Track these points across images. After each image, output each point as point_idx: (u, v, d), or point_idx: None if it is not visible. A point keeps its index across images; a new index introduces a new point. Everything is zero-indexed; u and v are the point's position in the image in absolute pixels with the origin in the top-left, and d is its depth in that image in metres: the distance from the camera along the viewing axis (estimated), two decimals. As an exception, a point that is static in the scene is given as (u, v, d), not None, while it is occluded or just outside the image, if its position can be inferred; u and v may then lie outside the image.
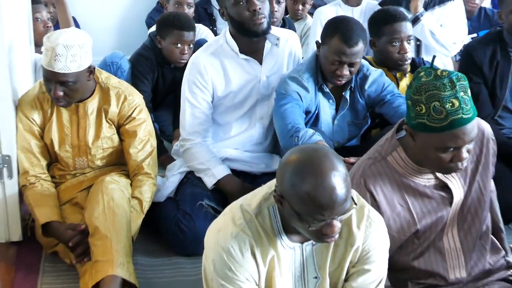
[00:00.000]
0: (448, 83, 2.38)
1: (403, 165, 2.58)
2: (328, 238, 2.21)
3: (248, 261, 2.27)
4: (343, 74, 3.58)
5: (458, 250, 2.68)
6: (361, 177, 2.58)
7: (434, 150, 2.43)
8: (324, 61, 3.61)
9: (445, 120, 2.38)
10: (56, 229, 3.50)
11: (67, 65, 3.41)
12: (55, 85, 3.45)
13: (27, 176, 3.63)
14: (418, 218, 2.61)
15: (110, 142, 3.71)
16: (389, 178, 2.58)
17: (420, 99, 2.40)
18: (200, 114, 3.78)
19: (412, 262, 2.68)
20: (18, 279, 3.49)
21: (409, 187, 2.59)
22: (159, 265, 3.62)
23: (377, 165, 2.59)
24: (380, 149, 2.63)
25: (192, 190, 3.77)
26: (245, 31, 3.65)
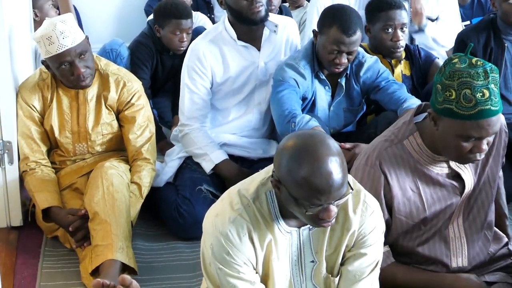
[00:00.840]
0: (482, 73, 2.35)
1: (419, 151, 2.56)
2: (325, 223, 2.20)
3: (245, 245, 2.26)
4: (342, 62, 3.58)
5: (462, 239, 2.66)
6: (377, 158, 2.56)
7: (456, 137, 2.41)
8: (323, 50, 3.60)
9: (473, 108, 2.35)
10: (56, 214, 3.49)
11: (74, 36, 3.44)
12: (75, 64, 3.46)
13: (27, 162, 3.62)
14: (428, 205, 2.60)
15: (109, 128, 3.70)
16: (403, 162, 2.56)
17: (451, 84, 2.38)
18: (198, 100, 3.77)
19: (417, 248, 2.66)
20: (19, 264, 3.49)
21: (422, 173, 2.57)
22: (158, 249, 3.61)
23: (393, 148, 2.57)
24: (397, 132, 2.60)
25: (191, 175, 3.77)
26: (243, 19, 3.64)
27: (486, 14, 4.56)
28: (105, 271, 3.15)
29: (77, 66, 3.47)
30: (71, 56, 3.45)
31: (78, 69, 3.47)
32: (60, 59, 3.45)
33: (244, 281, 2.28)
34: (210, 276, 2.34)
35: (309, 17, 5.05)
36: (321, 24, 3.64)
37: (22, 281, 3.34)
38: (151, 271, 3.40)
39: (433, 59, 4.24)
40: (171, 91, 4.80)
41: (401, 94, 3.65)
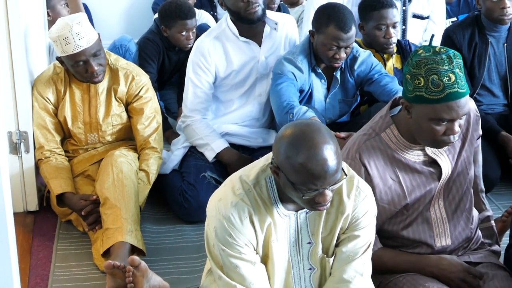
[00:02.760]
0: (446, 59, 2.38)
1: (396, 142, 2.57)
2: (321, 207, 2.21)
3: (247, 228, 2.26)
4: (341, 57, 3.59)
5: (444, 219, 2.67)
6: (356, 151, 2.56)
7: (428, 121, 2.42)
8: (322, 48, 3.60)
9: (442, 92, 2.37)
10: (70, 199, 3.50)
11: (89, 37, 3.43)
12: (89, 63, 3.45)
13: (42, 151, 3.62)
14: (408, 192, 2.60)
15: (119, 119, 3.70)
16: (382, 153, 2.57)
17: (419, 72, 2.40)
18: (201, 94, 3.78)
19: (401, 231, 2.66)
20: (35, 246, 3.49)
21: (400, 162, 2.58)
22: (165, 232, 3.61)
23: (371, 141, 2.57)
24: (375, 126, 2.61)
25: (195, 162, 3.78)
26: (242, 19, 3.66)
27: (471, 12, 4.55)
28: (115, 253, 3.16)
29: (91, 64, 3.47)
30: (86, 55, 3.45)
31: (92, 67, 3.47)
32: (75, 58, 3.45)
33: (245, 261, 2.29)
34: (213, 257, 2.35)
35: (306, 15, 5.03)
36: (317, 24, 3.63)
37: (38, 262, 3.35)
38: (158, 253, 3.41)
39: (423, 54, 4.23)
40: (176, 84, 4.79)
41: (393, 87, 3.66)
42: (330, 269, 2.42)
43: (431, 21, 4.74)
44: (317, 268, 2.41)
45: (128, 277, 2.92)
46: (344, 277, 2.38)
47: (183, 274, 3.25)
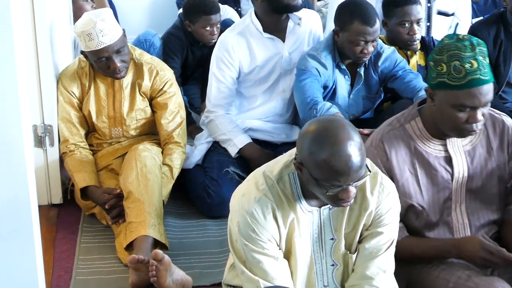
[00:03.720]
0: (469, 45, 2.38)
1: (419, 134, 2.56)
2: (344, 203, 2.20)
3: (270, 223, 2.26)
4: (369, 51, 3.57)
5: (465, 225, 2.63)
6: (380, 140, 2.56)
7: (451, 107, 2.41)
8: (349, 45, 3.57)
9: (464, 78, 2.36)
10: (94, 192, 3.51)
11: (113, 34, 3.44)
12: (112, 59, 3.46)
13: (67, 144, 3.64)
14: (423, 187, 2.57)
15: (143, 114, 3.71)
16: (404, 144, 2.56)
17: (441, 58, 2.39)
18: (225, 89, 3.78)
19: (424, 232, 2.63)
20: (59, 238, 3.51)
21: (421, 155, 2.56)
22: (188, 226, 3.62)
23: (395, 131, 2.57)
24: (400, 117, 2.61)
25: (218, 158, 3.78)
26: (284, 7, 3.64)
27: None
28: (138, 246, 3.16)
29: (114, 61, 3.47)
30: (109, 52, 3.45)
31: (115, 64, 3.48)
32: (98, 54, 3.46)
33: (268, 256, 2.29)
34: (236, 251, 2.35)
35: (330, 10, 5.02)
36: (340, 22, 3.61)
37: (62, 255, 3.36)
38: (181, 247, 3.41)
39: (447, 50, 4.20)
40: (200, 79, 4.79)
41: (416, 83, 3.64)
42: (352, 265, 2.41)
43: (456, 18, 4.71)
44: (339, 264, 2.40)
45: (151, 271, 2.94)
46: (367, 273, 2.37)
47: (206, 268, 3.25)
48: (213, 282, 3.13)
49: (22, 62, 2.43)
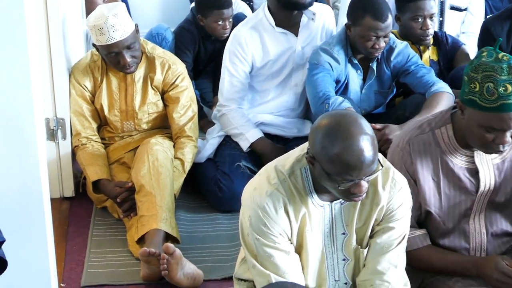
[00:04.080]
0: (506, 68, 2.29)
1: (447, 142, 2.50)
2: (356, 197, 2.19)
3: (281, 217, 2.26)
4: (381, 46, 3.56)
5: (482, 233, 2.60)
6: (407, 142, 2.52)
7: (478, 127, 2.35)
8: (360, 40, 3.56)
9: (495, 102, 2.29)
10: (105, 186, 3.52)
11: (124, 30, 3.44)
12: (122, 54, 3.46)
13: (79, 138, 3.65)
14: (444, 196, 2.54)
15: (155, 108, 3.71)
16: (431, 150, 2.50)
17: (476, 77, 2.32)
18: (237, 83, 3.78)
19: (438, 239, 2.60)
20: (70, 232, 3.52)
21: (445, 164, 2.51)
22: (199, 220, 3.62)
23: (424, 136, 2.51)
24: (432, 121, 2.54)
25: (230, 152, 3.78)
26: (292, 4, 3.64)
27: (511, 4, 4.49)
28: (150, 240, 3.17)
29: (123, 56, 3.48)
30: (119, 48, 3.46)
31: (125, 59, 3.48)
32: (108, 49, 3.47)
33: (279, 250, 2.28)
34: (248, 245, 2.35)
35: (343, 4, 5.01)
36: (353, 17, 3.60)
37: (74, 248, 3.38)
38: (192, 241, 3.42)
39: (460, 45, 4.20)
40: (212, 73, 4.79)
41: (429, 78, 3.63)
42: (364, 260, 2.40)
43: (469, 13, 4.69)
44: (351, 259, 2.40)
45: (163, 264, 2.95)
46: (378, 268, 2.36)
47: (217, 262, 3.26)
48: (224, 276, 3.14)
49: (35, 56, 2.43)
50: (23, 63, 2.29)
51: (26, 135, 2.37)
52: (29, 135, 2.37)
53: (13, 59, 2.28)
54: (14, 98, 2.32)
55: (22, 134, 2.36)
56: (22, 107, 2.33)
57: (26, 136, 2.37)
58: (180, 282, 3.00)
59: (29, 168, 2.41)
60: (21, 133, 2.35)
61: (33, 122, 2.37)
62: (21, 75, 2.30)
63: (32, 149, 2.39)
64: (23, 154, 2.38)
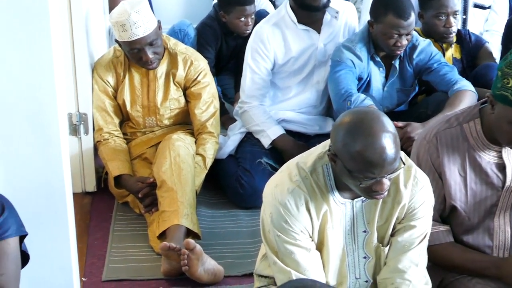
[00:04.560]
0: None
1: (475, 137, 2.48)
2: (377, 195, 2.19)
3: (302, 214, 2.26)
4: (403, 44, 3.55)
5: (506, 232, 2.58)
6: (434, 136, 2.49)
7: (508, 124, 2.32)
8: (382, 37, 3.56)
9: None
10: (127, 181, 3.54)
11: (146, 26, 3.45)
12: (144, 51, 3.48)
13: (101, 133, 3.66)
14: (470, 191, 2.52)
15: (177, 103, 3.72)
16: (458, 144, 2.48)
17: (510, 73, 2.28)
18: (259, 80, 3.78)
19: (461, 235, 2.59)
20: (92, 226, 3.54)
21: (473, 159, 2.49)
22: (220, 216, 3.63)
23: (452, 130, 2.49)
24: (460, 115, 2.53)
25: (251, 148, 3.79)
26: (307, 6, 3.65)
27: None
28: (171, 235, 3.18)
29: (146, 52, 3.49)
30: (142, 44, 3.47)
31: (147, 56, 3.50)
32: (131, 45, 3.48)
33: (300, 248, 2.28)
34: (269, 242, 2.35)
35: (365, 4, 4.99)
36: (375, 14, 3.59)
37: (95, 242, 3.40)
38: (213, 237, 3.42)
39: (483, 43, 4.17)
40: (234, 70, 4.79)
41: (452, 76, 3.61)
42: (385, 258, 2.39)
43: (493, 11, 4.66)
44: (372, 257, 2.39)
45: (183, 260, 2.96)
46: (399, 267, 2.36)
47: (237, 258, 3.26)
48: (244, 272, 3.14)
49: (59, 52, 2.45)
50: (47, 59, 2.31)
51: (50, 130, 2.38)
52: (53, 130, 2.39)
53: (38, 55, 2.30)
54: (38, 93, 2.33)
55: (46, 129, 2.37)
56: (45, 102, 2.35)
57: (50, 131, 2.38)
58: (201, 277, 3.01)
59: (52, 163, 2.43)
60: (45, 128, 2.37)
61: (56, 117, 2.38)
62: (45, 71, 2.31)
63: (55, 144, 2.40)
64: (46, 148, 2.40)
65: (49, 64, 2.32)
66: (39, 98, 2.34)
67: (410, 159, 2.38)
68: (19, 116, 2.34)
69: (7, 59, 2.27)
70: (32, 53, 2.29)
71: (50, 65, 2.32)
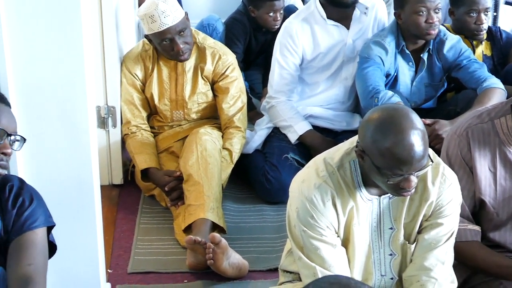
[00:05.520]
0: None
1: (506, 133, 2.46)
2: (405, 192, 2.18)
3: (329, 210, 2.25)
4: (434, 20, 3.51)
5: None
6: (465, 130, 2.48)
7: None
8: (412, 19, 3.52)
9: None
10: (154, 174, 3.55)
11: (175, 15, 3.47)
12: (175, 41, 3.49)
13: (129, 126, 3.69)
14: (500, 187, 2.51)
15: (204, 97, 3.73)
16: (489, 139, 2.47)
17: None
18: (287, 75, 3.78)
19: (489, 232, 2.57)
20: (119, 218, 3.57)
21: (504, 155, 2.47)
22: (246, 211, 3.64)
23: (483, 125, 2.48)
24: (491, 111, 2.51)
25: (278, 143, 3.79)
26: (337, 2, 3.66)
27: None
28: (196, 229, 3.19)
29: (177, 42, 3.51)
30: (172, 33, 3.49)
31: (178, 45, 3.51)
32: (161, 36, 3.50)
33: (326, 243, 2.28)
34: (294, 237, 2.35)
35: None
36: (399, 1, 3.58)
37: (122, 234, 3.42)
38: (238, 231, 3.43)
39: (515, 41, 4.14)
40: (262, 65, 4.79)
41: (481, 74, 3.58)
42: (411, 255, 2.38)
43: None
44: (398, 254, 2.38)
45: (208, 253, 2.97)
46: (425, 264, 2.35)
47: (262, 253, 3.26)
48: (269, 267, 3.14)
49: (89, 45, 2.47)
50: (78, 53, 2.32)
51: (79, 123, 2.40)
52: (82, 123, 2.40)
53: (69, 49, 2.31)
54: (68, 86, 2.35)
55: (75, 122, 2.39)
56: (76, 95, 2.36)
57: (79, 124, 2.40)
58: (226, 271, 3.02)
59: (81, 156, 2.44)
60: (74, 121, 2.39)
61: (86, 111, 2.40)
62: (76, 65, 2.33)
63: (84, 137, 2.42)
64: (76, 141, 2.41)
65: (79, 58, 2.33)
66: (69, 91, 2.35)
67: (438, 156, 2.37)
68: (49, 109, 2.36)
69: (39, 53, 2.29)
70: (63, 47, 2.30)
71: (80, 59, 2.34)
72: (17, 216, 2.06)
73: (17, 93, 2.30)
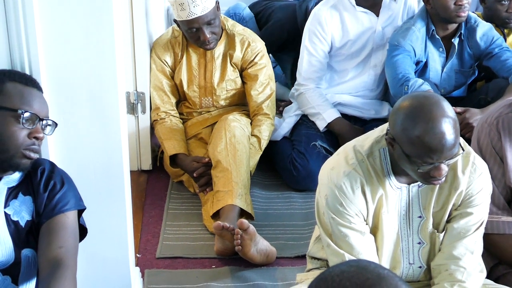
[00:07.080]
0: None
1: None
2: (435, 181, 2.16)
3: (358, 198, 2.25)
4: (463, 2, 3.45)
5: None
6: (496, 119, 2.47)
7: None
8: (440, 2, 3.48)
9: None
10: (183, 160, 3.56)
11: (205, 5, 3.46)
12: (202, 30, 3.49)
13: (158, 112, 3.70)
14: None
15: (233, 84, 3.73)
16: None
17: None
18: (316, 63, 3.77)
19: None
20: (147, 204, 3.59)
21: None
22: (274, 198, 3.64)
23: None
24: None
25: (306, 131, 3.78)
26: None
27: None
28: (225, 215, 3.20)
29: (203, 32, 3.50)
30: (199, 23, 3.48)
31: (204, 35, 3.50)
32: (189, 24, 3.50)
33: (354, 231, 2.28)
34: (323, 224, 2.35)
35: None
36: None
37: (150, 220, 3.44)
38: (266, 218, 3.44)
39: (547, 29, 4.08)
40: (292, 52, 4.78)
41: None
42: (439, 244, 2.37)
43: None
44: (426, 242, 2.37)
45: (237, 239, 2.97)
46: (454, 253, 2.33)
47: (290, 240, 3.27)
48: (297, 254, 3.15)
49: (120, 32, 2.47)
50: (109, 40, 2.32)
51: (109, 108, 2.41)
52: (112, 109, 2.41)
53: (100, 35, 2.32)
54: (99, 72, 2.36)
55: (106, 108, 2.40)
56: (106, 81, 2.37)
57: (109, 110, 2.41)
58: (253, 258, 3.03)
59: (111, 141, 2.45)
60: (105, 107, 2.40)
61: (116, 96, 2.40)
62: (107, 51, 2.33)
63: (115, 122, 2.43)
64: (106, 126, 2.42)
65: (110, 45, 2.34)
66: (100, 77, 2.36)
67: (469, 145, 2.35)
68: (81, 95, 2.37)
69: (71, 40, 2.30)
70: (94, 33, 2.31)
71: (111, 46, 2.34)
72: (48, 199, 2.08)
73: (49, 79, 2.31)
